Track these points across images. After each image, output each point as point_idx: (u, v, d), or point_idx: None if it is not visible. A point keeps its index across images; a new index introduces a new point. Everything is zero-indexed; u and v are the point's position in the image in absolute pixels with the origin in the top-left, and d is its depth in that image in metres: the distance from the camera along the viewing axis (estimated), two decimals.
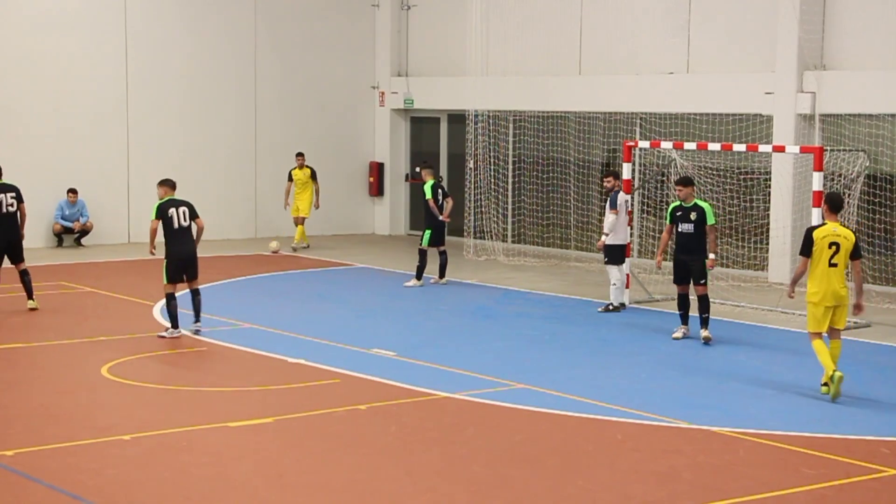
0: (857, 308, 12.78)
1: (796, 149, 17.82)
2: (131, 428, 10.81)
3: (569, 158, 23.59)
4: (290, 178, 23.94)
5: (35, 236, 23.12)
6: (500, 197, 24.38)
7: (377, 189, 27.20)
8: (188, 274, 15.00)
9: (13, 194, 16.34)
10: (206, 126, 25.22)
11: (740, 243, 20.47)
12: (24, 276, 16.46)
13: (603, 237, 17.21)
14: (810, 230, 12.61)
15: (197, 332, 14.98)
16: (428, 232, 19.39)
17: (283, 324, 15.84)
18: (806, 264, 12.53)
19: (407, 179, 27.25)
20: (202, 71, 25.06)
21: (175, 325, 14.83)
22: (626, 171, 18.26)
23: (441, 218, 19.43)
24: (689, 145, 18.23)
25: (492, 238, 23.82)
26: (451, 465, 10.04)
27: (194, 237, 15.07)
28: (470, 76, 24.63)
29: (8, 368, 13.38)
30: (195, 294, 15.04)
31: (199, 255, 15.20)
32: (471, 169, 24.39)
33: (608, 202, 17.22)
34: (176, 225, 14.86)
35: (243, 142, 25.73)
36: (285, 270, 21.19)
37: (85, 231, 23.62)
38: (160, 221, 14.86)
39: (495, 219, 24.10)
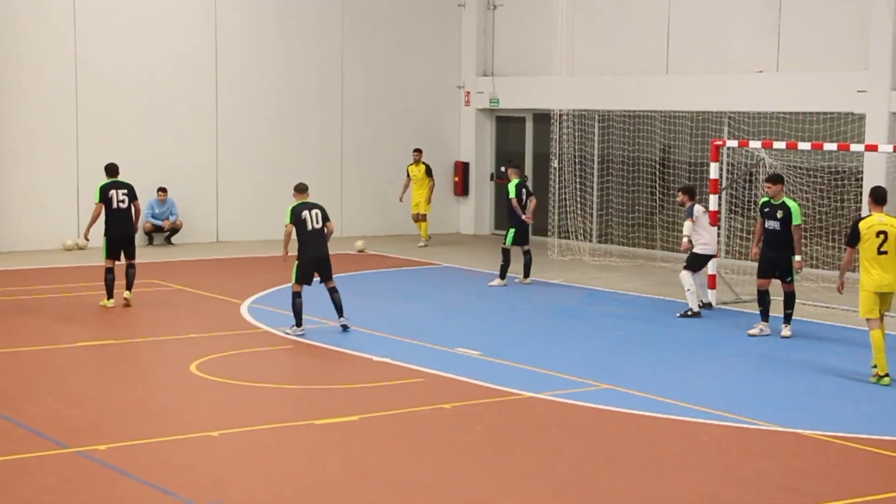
0: None
1: (889, 147, 17.49)
2: (220, 424, 10.96)
3: (655, 158, 23.42)
4: (408, 175, 24.50)
5: None
6: (585, 196, 24.28)
7: (462, 189, 27.24)
8: (322, 274, 15.24)
9: (125, 191, 16.82)
10: (294, 126, 25.46)
11: (830, 244, 20.14)
12: (130, 269, 16.94)
13: (684, 240, 17.14)
14: (856, 221, 13.22)
15: (346, 327, 15.23)
16: (511, 231, 19.37)
17: (369, 322, 15.93)
18: (852, 254, 13.18)
19: (492, 179, 27.25)
20: (290, 72, 25.31)
21: (299, 324, 15.06)
22: (713, 171, 18.08)
23: (524, 218, 19.39)
24: (779, 144, 17.99)
25: (577, 238, 23.73)
26: (537, 465, 10.04)
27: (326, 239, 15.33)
28: (556, 75, 24.56)
29: (100, 364, 13.65)
30: (333, 292, 15.26)
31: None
32: (556, 168, 24.32)
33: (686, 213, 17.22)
34: (309, 227, 15.08)
35: (330, 141, 25.92)
36: (371, 269, 21.32)
37: (174, 230, 23.98)
38: (294, 225, 15.02)
39: (580, 218, 24.01)
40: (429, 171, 24.55)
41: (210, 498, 9.03)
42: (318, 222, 15.18)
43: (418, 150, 24.65)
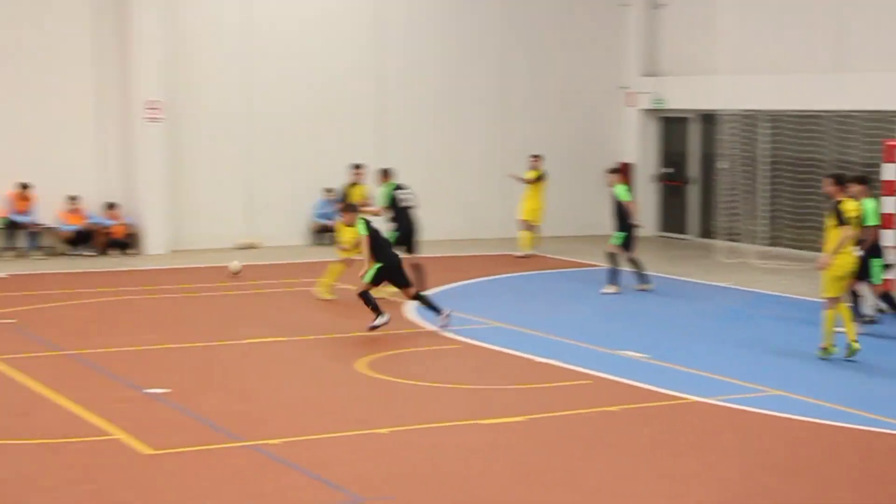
0: None
1: None
2: (387, 422, 11.07)
3: (825, 159, 22.77)
4: (528, 180, 23.28)
5: (294, 234, 24.09)
6: (752, 198, 23.77)
7: None
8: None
9: (408, 191, 17.89)
10: (457, 127, 25.65)
11: None
12: (419, 267, 17.63)
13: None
14: None
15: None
16: (622, 235, 18.79)
17: (532, 323, 15.90)
18: None
19: (657, 180, 26.90)
20: (451, 72, 25.51)
21: (441, 311, 15.37)
22: (888, 173, 17.48)
23: (634, 222, 18.89)
24: None
25: (744, 240, 23.24)
26: (705, 470, 9.85)
27: None
28: (722, 75, 24.12)
29: (274, 361, 13.93)
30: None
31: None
32: (723, 170, 23.87)
33: None
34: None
35: (492, 142, 26.01)
36: (533, 271, 21.28)
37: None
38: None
39: (748, 221, 23.51)
40: (542, 177, 23.11)
41: (378, 494, 9.11)
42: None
43: (535, 156, 23.40)
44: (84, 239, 22.41)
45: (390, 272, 15.40)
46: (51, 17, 22.45)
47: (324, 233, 24.24)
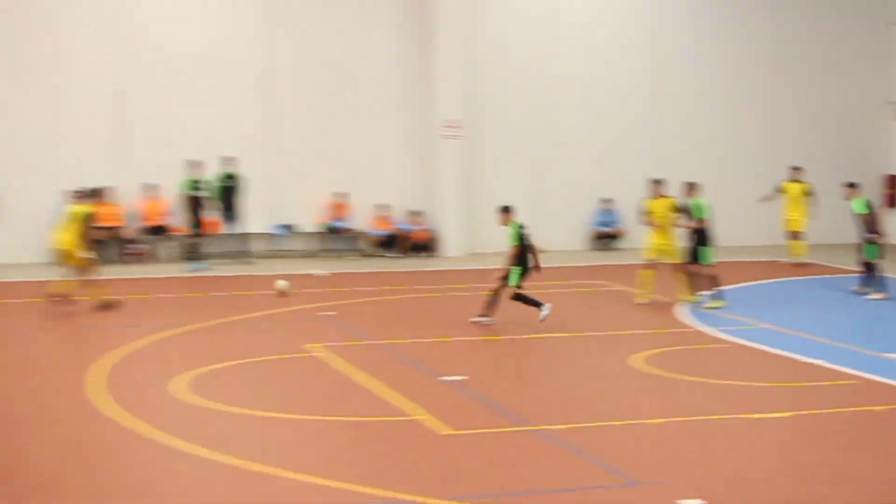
0: None
1: None
2: (662, 413, 10.92)
3: None
4: (782, 190, 22.28)
5: (574, 240, 24.20)
6: None
7: (893, 201, 25.58)
8: None
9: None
10: (728, 143, 25.23)
11: None
12: (697, 277, 17.16)
13: None
14: None
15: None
16: (871, 247, 17.78)
17: (800, 325, 15.31)
18: None
19: None
20: (730, 85, 25.26)
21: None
22: None
23: (874, 235, 17.71)
24: None
25: None
26: None
27: None
28: None
29: (558, 354, 14.02)
30: None
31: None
32: None
33: None
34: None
35: (761, 156, 25.32)
36: (803, 276, 20.52)
37: (614, 236, 24.21)
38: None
39: None
40: (808, 192, 22.01)
41: (653, 479, 9.00)
42: None
43: (795, 168, 22.34)
44: (391, 243, 23.26)
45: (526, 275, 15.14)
46: (365, 47, 23.50)
47: (601, 239, 24.20)
